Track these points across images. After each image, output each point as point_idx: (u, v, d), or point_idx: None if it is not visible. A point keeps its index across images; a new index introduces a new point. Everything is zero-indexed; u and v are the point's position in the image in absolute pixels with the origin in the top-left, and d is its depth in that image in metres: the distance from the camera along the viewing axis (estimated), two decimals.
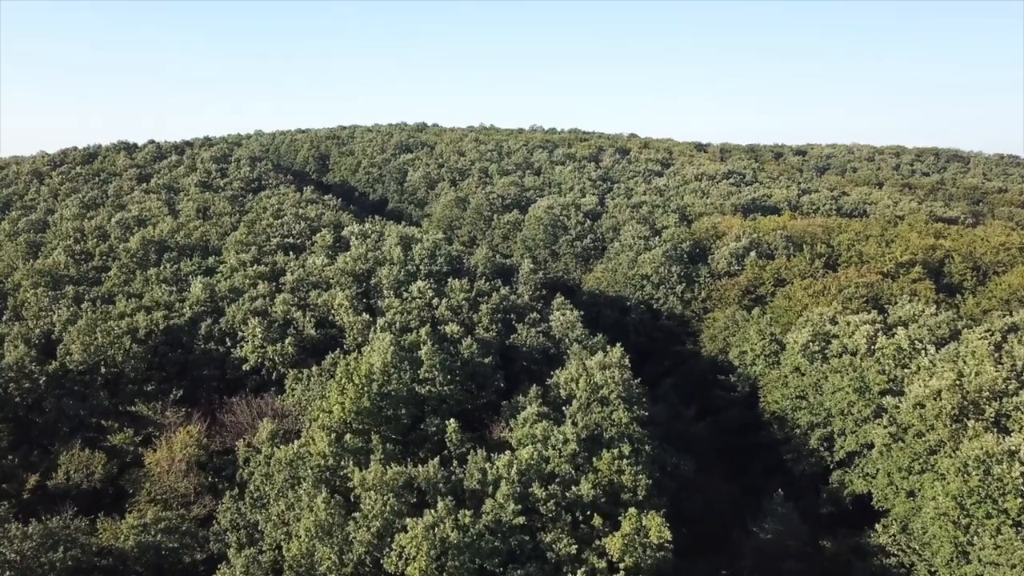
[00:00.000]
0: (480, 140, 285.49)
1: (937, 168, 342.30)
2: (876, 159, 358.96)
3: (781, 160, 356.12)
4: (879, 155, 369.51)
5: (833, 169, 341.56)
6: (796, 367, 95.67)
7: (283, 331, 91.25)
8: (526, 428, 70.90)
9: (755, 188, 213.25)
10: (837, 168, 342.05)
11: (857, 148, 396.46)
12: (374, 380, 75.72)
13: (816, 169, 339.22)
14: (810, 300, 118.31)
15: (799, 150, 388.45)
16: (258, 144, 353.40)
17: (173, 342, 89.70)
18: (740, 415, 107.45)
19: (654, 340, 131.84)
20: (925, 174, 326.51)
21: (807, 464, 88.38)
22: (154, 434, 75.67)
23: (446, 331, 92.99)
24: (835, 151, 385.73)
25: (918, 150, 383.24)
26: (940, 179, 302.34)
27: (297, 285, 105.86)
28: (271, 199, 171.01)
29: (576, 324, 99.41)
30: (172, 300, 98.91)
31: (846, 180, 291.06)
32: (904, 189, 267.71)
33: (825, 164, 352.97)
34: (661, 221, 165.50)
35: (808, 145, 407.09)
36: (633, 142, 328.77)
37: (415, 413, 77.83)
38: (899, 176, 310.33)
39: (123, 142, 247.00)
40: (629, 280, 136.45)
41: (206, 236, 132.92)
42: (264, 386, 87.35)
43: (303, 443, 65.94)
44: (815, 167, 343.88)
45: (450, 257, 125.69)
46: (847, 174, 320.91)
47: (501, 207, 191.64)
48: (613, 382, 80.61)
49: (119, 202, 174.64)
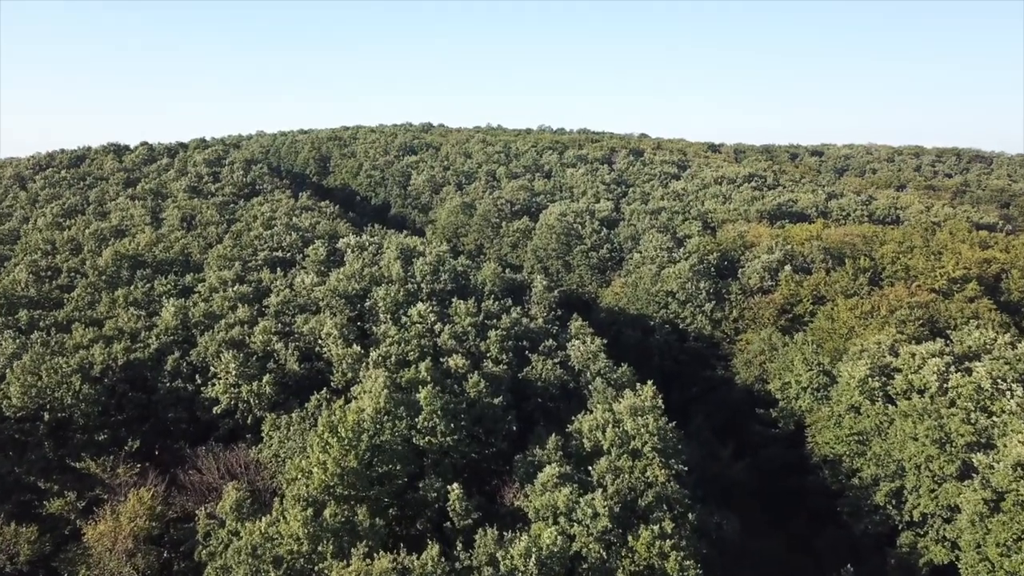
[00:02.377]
0: (487, 141, 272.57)
1: (959, 169, 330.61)
2: (896, 160, 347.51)
3: (798, 161, 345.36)
4: (898, 155, 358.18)
5: (852, 170, 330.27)
6: (853, 406, 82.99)
7: (262, 366, 79.03)
8: (546, 496, 58.51)
9: (779, 192, 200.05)
10: (856, 169, 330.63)
11: (875, 148, 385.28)
12: (364, 431, 63.61)
13: (834, 170, 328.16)
14: (857, 322, 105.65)
15: (815, 150, 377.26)
16: (258, 145, 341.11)
17: (134, 380, 77.43)
18: (782, 454, 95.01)
19: (680, 363, 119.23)
20: (948, 175, 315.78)
21: (870, 522, 75.77)
22: (101, 496, 63.61)
23: (450, 364, 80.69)
24: (852, 151, 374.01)
25: (938, 150, 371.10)
26: (964, 180, 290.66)
27: (282, 308, 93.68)
28: (263, 206, 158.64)
29: (599, 355, 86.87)
30: (139, 328, 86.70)
31: (866, 182, 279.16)
32: (928, 191, 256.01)
33: (843, 165, 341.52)
34: (683, 230, 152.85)
35: (824, 145, 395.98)
36: (646, 143, 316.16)
37: (412, 470, 65.67)
38: (921, 177, 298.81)
39: (113, 144, 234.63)
40: (652, 297, 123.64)
41: (187, 249, 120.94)
42: (238, 432, 75.28)
43: (273, 520, 53.73)
44: (833, 168, 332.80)
45: (455, 273, 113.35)
46: (866, 175, 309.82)
47: (510, 213, 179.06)
48: (647, 431, 68.25)
49: (101, 209, 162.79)
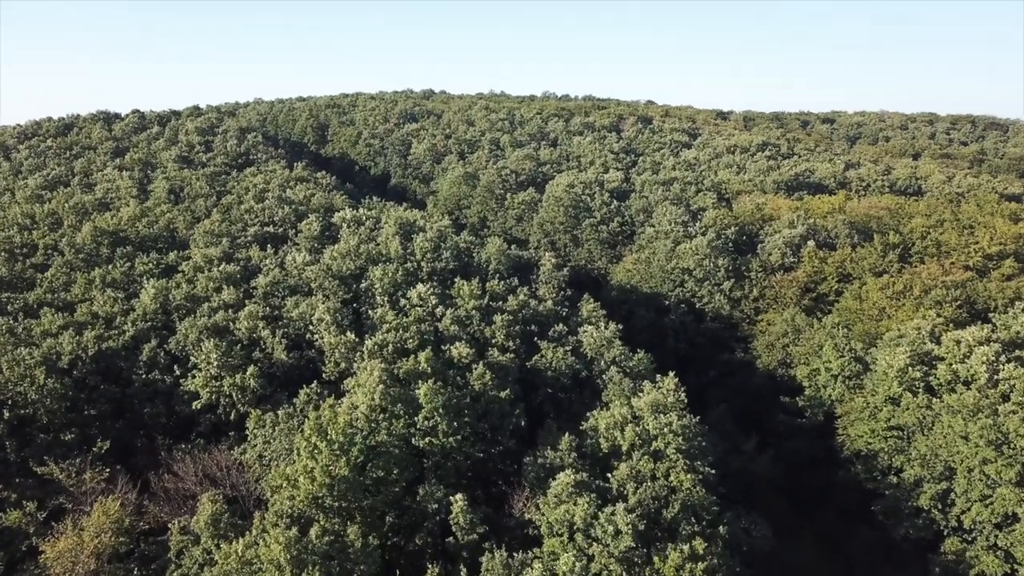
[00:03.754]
0: (490, 108, 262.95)
1: (975, 137, 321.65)
2: (909, 127, 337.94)
3: (809, 129, 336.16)
4: (912, 123, 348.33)
5: (865, 138, 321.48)
6: (891, 397, 76.23)
7: (247, 355, 72.36)
8: (561, 510, 51.99)
9: (795, 162, 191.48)
10: (869, 137, 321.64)
11: (888, 116, 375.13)
12: (357, 432, 57.08)
13: (847, 138, 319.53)
14: (888, 303, 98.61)
15: (826, 118, 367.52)
16: (255, 113, 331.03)
17: (106, 371, 70.80)
18: (809, 446, 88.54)
19: (696, 346, 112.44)
20: (963, 143, 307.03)
21: (911, 526, 69.46)
22: (65, 506, 57.32)
23: (452, 353, 73.88)
24: (865, 119, 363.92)
25: (952, 117, 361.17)
26: (981, 148, 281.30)
27: (271, 290, 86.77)
28: (256, 177, 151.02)
29: (613, 341, 79.93)
30: (115, 312, 79.89)
31: (880, 150, 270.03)
32: (944, 160, 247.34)
33: (856, 133, 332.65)
34: (697, 201, 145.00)
35: (835, 112, 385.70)
36: (653, 110, 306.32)
37: (410, 475, 59.20)
38: (936, 146, 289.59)
39: (103, 112, 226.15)
40: (667, 274, 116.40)
41: (173, 224, 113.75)
42: (221, 428, 68.79)
43: (252, 541, 47.34)
44: (845, 136, 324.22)
45: (457, 250, 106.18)
46: (879, 143, 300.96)
47: (515, 184, 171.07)
48: (670, 431, 61.65)
49: (87, 181, 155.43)
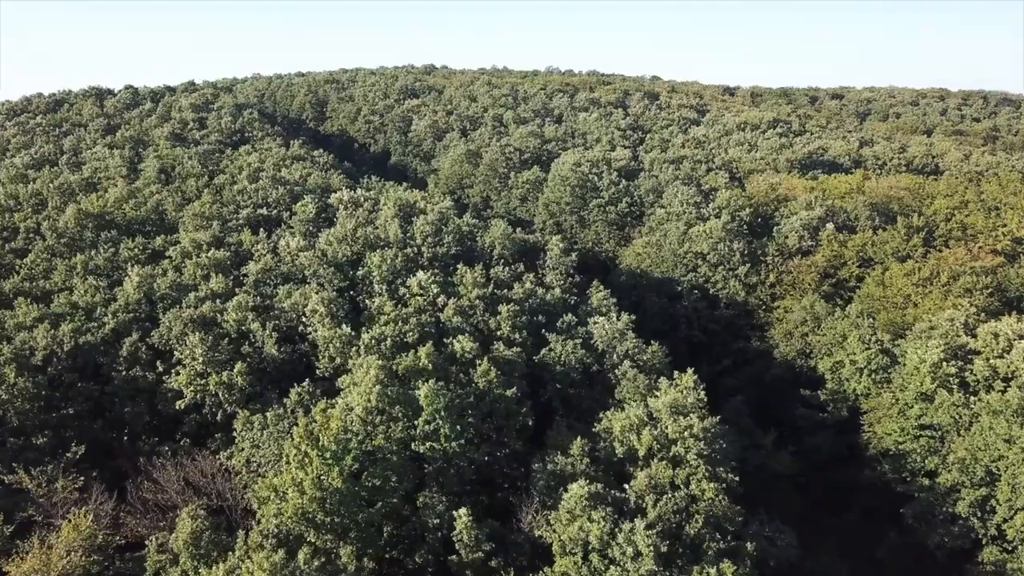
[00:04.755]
0: (493, 84, 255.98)
1: (987, 113, 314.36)
2: (920, 103, 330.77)
3: (818, 105, 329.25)
4: (923, 99, 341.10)
5: (875, 115, 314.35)
6: (923, 394, 71.43)
7: (235, 350, 67.50)
8: (575, 527, 47.40)
9: (807, 140, 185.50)
10: (879, 113, 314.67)
11: (898, 91, 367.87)
12: (353, 436, 52.42)
13: (857, 115, 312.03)
14: (914, 291, 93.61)
15: (835, 94, 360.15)
16: (253, 89, 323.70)
17: (83, 368, 66.05)
18: (831, 443, 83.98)
19: (709, 333, 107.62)
20: (976, 119, 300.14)
21: (947, 533, 64.98)
22: (35, 518, 52.83)
23: (455, 348, 69.02)
24: (875, 95, 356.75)
25: (964, 93, 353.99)
26: (994, 125, 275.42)
27: (262, 278, 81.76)
28: (251, 156, 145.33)
29: (626, 333, 74.99)
30: (95, 302, 75.01)
31: (891, 127, 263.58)
32: (957, 137, 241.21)
33: (866, 109, 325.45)
34: (709, 181, 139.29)
35: (843, 88, 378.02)
36: (659, 85, 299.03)
37: (409, 485, 54.60)
38: (948, 122, 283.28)
39: (95, 88, 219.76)
40: (679, 259, 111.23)
41: (162, 206, 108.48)
42: (207, 429, 64.18)
43: (233, 566, 42.79)
44: (855, 112, 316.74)
45: (460, 234, 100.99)
46: (890, 120, 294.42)
47: (519, 162, 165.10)
48: (690, 435, 56.92)
49: (76, 159, 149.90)
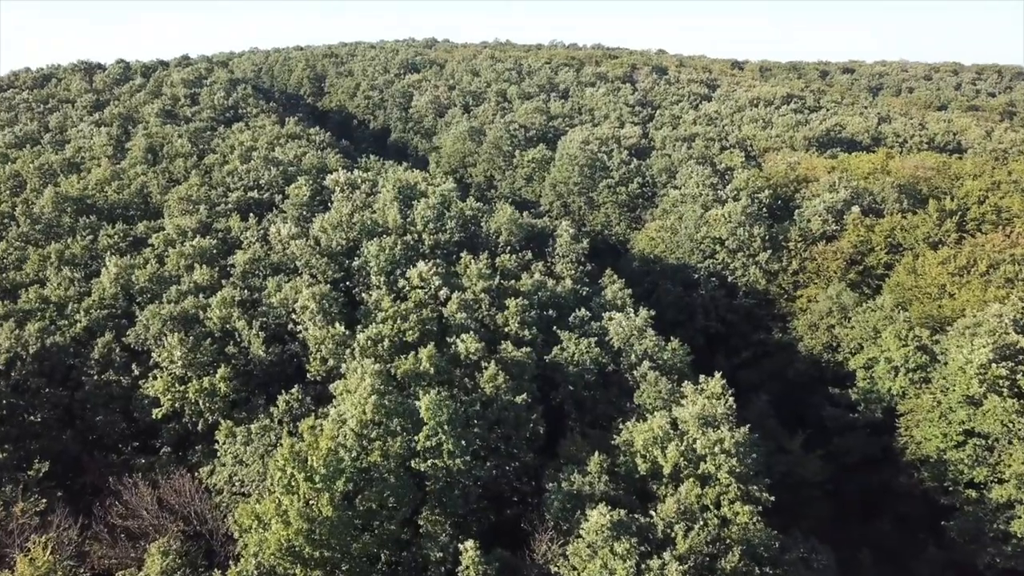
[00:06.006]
0: (496, 57, 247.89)
1: (1002, 87, 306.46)
2: (933, 77, 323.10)
3: (829, 79, 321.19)
4: (935, 72, 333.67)
5: (887, 89, 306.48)
6: (970, 397, 65.64)
7: (218, 351, 61.65)
8: (596, 564, 41.82)
9: (823, 116, 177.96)
10: (892, 88, 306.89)
11: (910, 65, 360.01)
12: (346, 453, 46.78)
13: (868, 89, 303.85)
14: (950, 280, 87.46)
15: (846, 68, 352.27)
16: (250, 63, 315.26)
17: (51, 372, 60.26)
18: (863, 445, 78.27)
19: (728, 324, 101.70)
20: (991, 94, 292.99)
21: (998, 553, 59.47)
22: None
23: (459, 349, 63.15)
24: (887, 68, 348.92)
25: (977, 67, 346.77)
26: (1009, 100, 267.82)
27: (250, 268, 75.70)
28: (243, 134, 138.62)
29: (645, 331, 68.98)
30: (68, 296, 69.15)
31: (904, 102, 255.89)
32: (972, 112, 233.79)
33: (878, 84, 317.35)
34: (724, 160, 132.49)
35: (854, 62, 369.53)
36: (667, 59, 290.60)
37: (407, 511, 48.97)
38: (963, 97, 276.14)
39: (84, 62, 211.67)
40: (696, 244, 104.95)
41: (147, 189, 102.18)
42: (188, 439, 58.54)
43: None
44: (867, 87, 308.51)
45: (463, 219, 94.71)
46: (902, 95, 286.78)
47: (524, 140, 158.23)
48: (722, 451, 51.19)
49: (61, 138, 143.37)
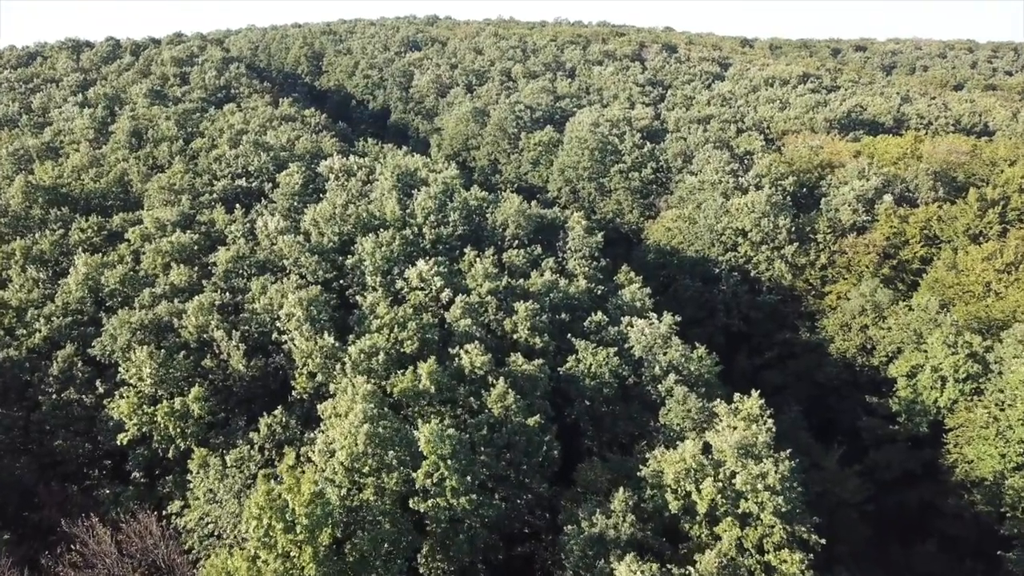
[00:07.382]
0: (500, 35, 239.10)
1: (1019, 66, 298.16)
2: (948, 55, 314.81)
3: (841, 57, 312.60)
4: (950, 50, 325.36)
5: (901, 67, 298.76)
6: None
7: (194, 365, 54.91)
8: None
9: (843, 96, 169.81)
10: (905, 66, 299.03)
11: (923, 43, 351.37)
12: (333, 494, 40.27)
13: (882, 68, 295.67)
14: (996, 277, 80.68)
15: (858, 45, 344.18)
16: (247, 41, 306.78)
17: (6, 389, 53.61)
18: (904, 459, 71.77)
19: (751, 322, 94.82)
20: (1008, 72, 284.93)
21: None
22: None
23: (463, 362, 56.35)
24: (900, 46, 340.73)
25: (993, 45, 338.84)
26: None
27: (234, 268, 68.83)
28: (234, 116, 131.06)
29: (671, 340, 62.07)
30: (32, 299, 62.38)
31: (920, 80, 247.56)
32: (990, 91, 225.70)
33: (891, 62, 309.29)
34: (742, 144, 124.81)
35: (865, 40, 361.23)
36: (676, 37, 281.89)
37: (405, 557, 42.47)
38: (980, 76, 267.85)
39: (71, 39, 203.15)
40: (717, 236, 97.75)
41: (127, 176, 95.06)
42: (159, 467, 51.98)
43: None
44: (880, 65, 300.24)
45: (467, 209, 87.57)
46: (917, 73, 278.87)
47: (530, 121, 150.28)
48: (765, 487, 44.55)
49: (42, 120, 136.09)
